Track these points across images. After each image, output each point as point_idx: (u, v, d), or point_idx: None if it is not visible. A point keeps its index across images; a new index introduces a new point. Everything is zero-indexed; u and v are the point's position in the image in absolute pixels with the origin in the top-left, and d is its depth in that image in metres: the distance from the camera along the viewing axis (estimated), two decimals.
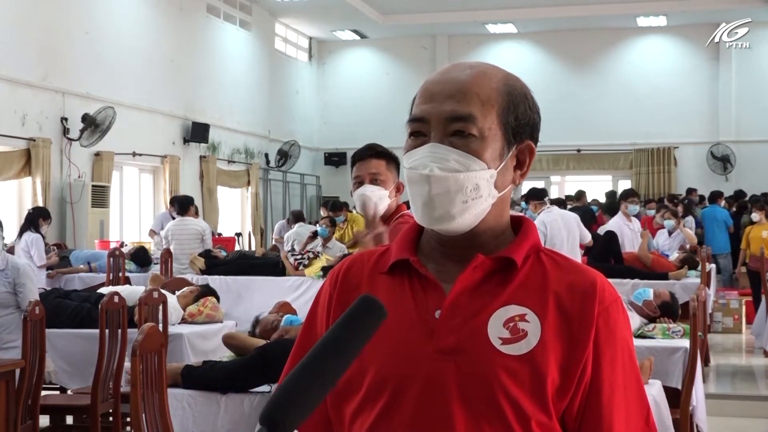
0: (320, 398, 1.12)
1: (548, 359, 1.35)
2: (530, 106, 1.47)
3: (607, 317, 1.39)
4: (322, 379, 1.12)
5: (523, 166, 1.47)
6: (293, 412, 1.09)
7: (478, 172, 1.40)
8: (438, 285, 1.42)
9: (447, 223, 1.41)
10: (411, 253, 1.46)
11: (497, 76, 1.46)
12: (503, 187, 1.44)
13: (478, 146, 1.41)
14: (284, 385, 1.10)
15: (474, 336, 1.37)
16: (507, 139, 1.43)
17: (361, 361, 1.39)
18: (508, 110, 1.43)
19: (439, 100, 1.43)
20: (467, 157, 1.40)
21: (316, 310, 1.53)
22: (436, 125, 1.42)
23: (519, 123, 1.45)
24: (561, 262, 1.44)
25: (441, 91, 1.43)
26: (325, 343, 1.14)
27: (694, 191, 18.02)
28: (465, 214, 1.41)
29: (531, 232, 1.47)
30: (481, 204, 1.41)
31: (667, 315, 6.16)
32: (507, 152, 1.44)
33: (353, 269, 1.51)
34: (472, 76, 1.44)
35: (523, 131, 1.45)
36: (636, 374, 1.43)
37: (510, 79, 1.47)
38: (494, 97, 1.43)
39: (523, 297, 1.40)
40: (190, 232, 10.62)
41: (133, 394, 3.56)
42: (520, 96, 1.46)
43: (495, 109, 1.42)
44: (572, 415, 1.37)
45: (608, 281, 1.44)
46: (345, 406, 1.43)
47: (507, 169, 1.45)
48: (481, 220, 1.43)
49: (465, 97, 1.42)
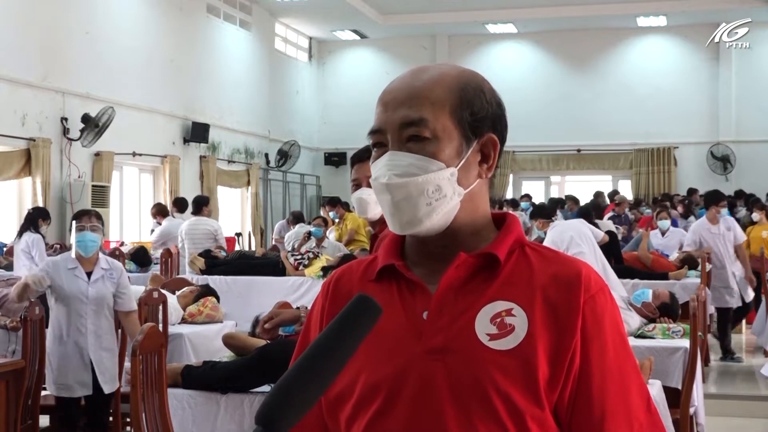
0: (316, 398, 1.12)
1: (537, 352, 1.35)
2: (488, 100, 1.47)
3: (593, 305, 1.38)
4: (317, 379, 1.12)
5: (489, 160, 1.47)
6: (289, 411, 1.09)
7: (437, 172, 1.41)
8: (424, 287, 1.43)
9: (416, 227, 1.42)
10: (396, 258, 1.47)
11: (449, 75, 1.46)
12: (469, 184, 1.44)
13: (434, 147, 1.42)
14: (280, 384, 1.11)
15: (462, 334, 1.38)
16: (465, 135, 1.44)
17: (353, 368, 1.40)
18: (462, 107, 1.44)
19: (392, 108, 1.45)
20: (423, 159, 1.41)
21: (309, 323, 1.55)
22: (392, 133, 1.44)
23: (476, 118, 1.44)
24: (546, 254, 1.45)
25: (393, 100, 1.45)
26: (319, 342, 1.14)
27: (695, 192, 17.95)
28: (432, 216, 1.41)
29: (514, 226, 1.48)
30: (447, 203, 1.42)
31: (667, 315, 6.17)
32: (467, 149, 1.44)
33: (343, 280, 1.53)
34: (422, 80, 1.45)
35: (482, 125, 1.45)
36: (632, 362, 1.42)
37: (463, 77, 1.47)
38: (445, 97, 1.43)
39: (509, 292, 1.40)
40: (203, 232, 10.65)
41: (133, 394, 3.56)
42: (475, 91, 1.46)
43: (447, 108, 1.43)
44: (564, 406, 1.37)
45: (594, 270, 1.43)
46: (340, 413, 1.44)
47: (470, 165, 1.45)
48: (453, 219, 1.44)
49: (415, 101, 1.43)
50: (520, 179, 21.84)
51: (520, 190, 20.98)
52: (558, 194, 20.57)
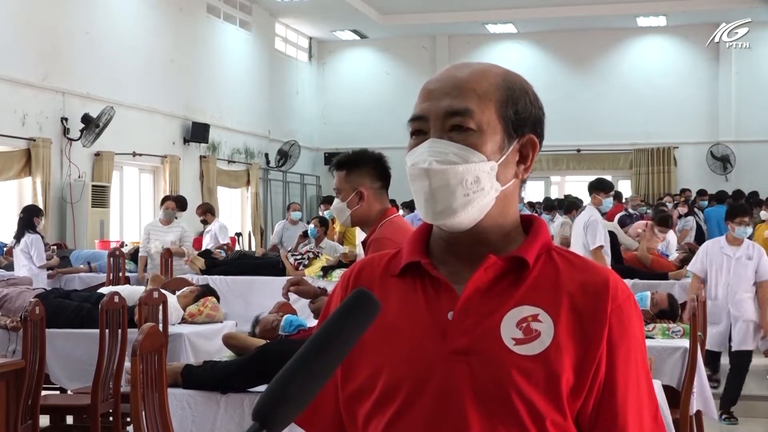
0: (314, 393, 1.11)
1: (562, 359, 1.35)
2: (531, 101, 1.47)
3: (620, 315, 1.38)
4: (314, 374, 1.11)
5: (527, 161, 1.47)
6: (286, 407, 1.09)
7: (478, 164, 1.41)
8: (450, 286, 1.42)
9: (450, 218, 1.41)
10: (422, 255, 1.46)
11: (495, 72, 1.47)
12: (506, 181, 1.44)
13: (476, 139, 1.41)
14: (277, 380, 1.10)
15: (487, 337, 1.37)
16: (507, 132, 1.44)
17: (374, 363, 1.40)
18: (507, 104, 1.44)
19: (437, 97, 1.44)
20: (465, 149, 1.41)
21: (327, 314, 1.53)
22: (434, 121, 1.43)
23: (519, 117, 1.45)
24: (573, 261, 1.44)
25: (439, 89, 1.45)
26: (317, 337, 1.13)
27: (704, 193, 17.65)
28: (468, 208, 1.41)
29: (542, 230, 1.47)
30: (484, 197, 1.41)
31: (667, 318, 6.17)
32: (508, 145, 1.44)
33: (364, 272, 1.52)
34: (470, 73, 1.45)
35: (524, 125, 1.45)
36: (646, 371, 1.42)
37: (510, 75, 1.48)
38: (492, 92, 1.44)
39: (536, 297, 1.39)
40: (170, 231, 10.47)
41: (133, 394, 3.56)
42: (520, 91, 1.47)
43: (493, 103, 1.43)
44: (587, 415, 1.37)
45: (621, 279, 1.43)
46: (358, 409, 1.42)
47: (509, 162, 1.45)
48: (485, 215, 1.43)
49: (461, 92, 1.43)
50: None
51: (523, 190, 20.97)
52: (558, 194, 20.58)
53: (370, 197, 3.63)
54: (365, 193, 3.61)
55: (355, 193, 3.62)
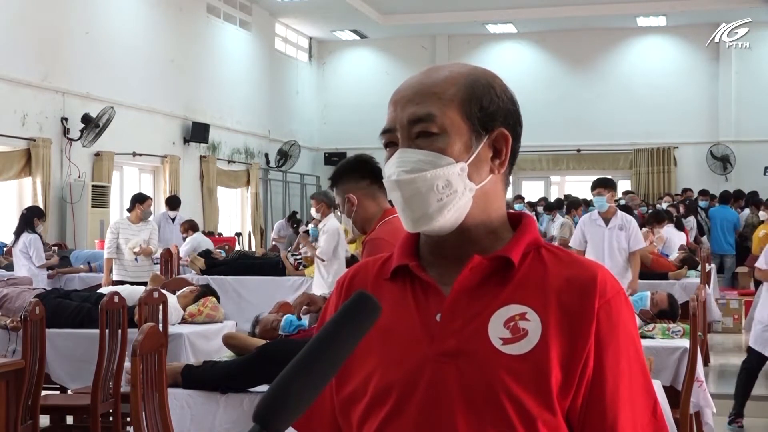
0: (314, 395, 1.11)
1: (550, 357, 1.34)
2: (498, 95, 1.45)
3: (609, 310, 1.37)
4: (315, 376, 1.11)
5: (501, 155, 1.45)
6: (286, 410, 1.09)
7: (446, 167, 1.40)
8: (438, 288, 1.42)
9: (428, 224, 1.41)
10: (411, 258, 1.46)
11: (458, 72, 1.46)
12: (480, 180, 1.43)
13: (442, 143, 1.41)
14: (277, 383, 1.10)
15: (475, 337, 1.37)
16: (475, 130, 1.43)
17: (366, 368, 1.40)
18: (471, 102, 1.43)
19: (401, 106, 1.45)
20: (432, 155, 1.40)
21: (324, 321, 1.54)
22: (401, 131, 1.44)
23: (486, 112, 1.43)
24: (562, 257, 1.43)
25: (402, 98, 1.46)
26: (318, 340, 1.13)
27: (706, 193, 17.61)
28: (444, 212, 1.40)
29: (530, 227, 1.46)
30: (459, 199, 1.41)
31: (666, 318, 6.17)
32: (477, 144, 1.43)
33: (357, 278, 1.52)
34: (431, 78, 1.45)
35: (492, 120, 1.44)
36: (642, 366, 1.41)
37: (473, 73, 1.47)
38: (453, 92, 1.43)
39: (523, 295, 1.38)
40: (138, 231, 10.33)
41: (133, 394, 3.56)
42: (484, 86, 1.45)
43: (455, 104, 1.42)
44: (576, 411, 1.36)
45: (610, 274, 1.42)
46: (352, 413, 1.43)
47: (482, 160, 1.43)
48: (467, 216, 1.42)
49: (423, 98, 1.43)
50: (520, 179, 21.83)
51: (520, 190, 20.98)
52: (558, 194, 20.58)
53: (360, 198, 3.75)
54: (353, 197, 3.76)
55: (346, 200, 3.78)
